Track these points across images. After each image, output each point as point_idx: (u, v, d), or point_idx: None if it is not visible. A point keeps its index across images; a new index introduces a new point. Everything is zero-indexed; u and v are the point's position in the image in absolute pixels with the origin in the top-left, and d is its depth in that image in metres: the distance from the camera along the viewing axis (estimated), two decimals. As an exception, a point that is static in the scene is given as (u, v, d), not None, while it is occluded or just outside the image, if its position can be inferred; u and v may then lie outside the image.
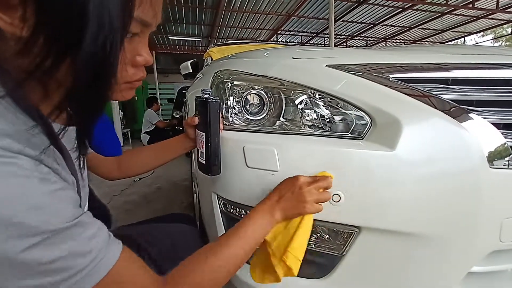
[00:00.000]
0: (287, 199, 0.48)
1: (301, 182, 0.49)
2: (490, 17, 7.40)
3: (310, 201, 0.48)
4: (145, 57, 0.36)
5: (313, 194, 0.48)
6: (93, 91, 0.30)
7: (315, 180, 0.49)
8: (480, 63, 0.59)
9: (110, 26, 0.27)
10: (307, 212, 0.48)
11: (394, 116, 0.51)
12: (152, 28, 0.35)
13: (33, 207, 0.26)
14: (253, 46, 2.08)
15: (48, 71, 0.28)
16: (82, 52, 0.26)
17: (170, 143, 0.69)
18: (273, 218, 0.48)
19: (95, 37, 0.26)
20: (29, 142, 0.27)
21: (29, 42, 0.26)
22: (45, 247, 0.26)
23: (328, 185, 0.49)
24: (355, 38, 9.20)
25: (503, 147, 0.50)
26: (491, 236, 0.51)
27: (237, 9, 6.28)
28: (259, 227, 0.47)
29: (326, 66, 0.58)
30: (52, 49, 0.27)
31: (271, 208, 0.49)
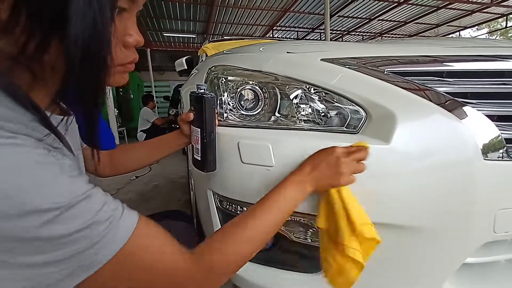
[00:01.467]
0: (321, 169, 0.46)
1: (338, 152, 0.47)
2: (485, 11, 7.42)
3: (347, 173, 0.46)
4: (136, 37, 0.34)
5: (350, 165, 0.46)
6: (89, 74, 0.28)
7: (352, 151, 0.47)
8: (475, 55, 0.59)
9: (98, 2, 0.26)
10: (342, 183, 0.46)
11: (389, 109, 0.51)
12: (138, 5, 0.34)
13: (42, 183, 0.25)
14: (248, 42, 2.06)
15: (35, 54, 0.26)
16: (70, 30, 0.25)
17: (164, 140, 0.68)
18: (305, 190, 0.46)
19: (82, 14, 0.25)
20: (28, 126, 0.27)
21: (10, 22, 0.24)
22: (63, 220, 0.26)
23: (364, 156, 0.47)
24: (351, 33, 9.18)
25: (497, 139, 0.50)
26: (485, 227, 0.51)
27: (232, 5, 6.22)
28: (290, 200, 0.45)
29: (320, 60, 0.58)
30: (35, 29, 0.25)
31: (302, 178, 0.47)
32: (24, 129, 0.26)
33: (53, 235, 0.25)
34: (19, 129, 0.25)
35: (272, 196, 0.45)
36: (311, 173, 0.47)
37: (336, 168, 0.46)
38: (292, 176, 0.48)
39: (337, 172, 0.46)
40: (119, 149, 0.67)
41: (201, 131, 0.56)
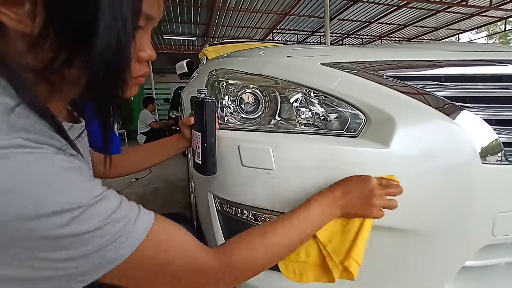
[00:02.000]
0: (354, 197, 0.45)
1: (374, 184, 0.46)
2: (484, 14, 7.47)
3: (377, 207, 0.46)
4: (149, 52, 0.36)
5: (383, 200, 0.46)
6: (109, 87, 0.30)
7: (387, 185, 0.47)
8: (473, 60, 0.60)
9: (122, 18, 0.27)
10: (371, 216, 0.46)
11: (388, 113, 0.51)
12: (154, 22, 0.35)
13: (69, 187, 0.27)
14: (248, 45, 2.08)
15: (61, 68, 0.28)
16: (97, 45, 0.26)
17: (165, 143, 0.69)
18: (333, 213, 0.46)
19: (108, 29, 0.26)
20: (49, 137, 0.28)
21: (40, 38, 0.26)
22: (84, 219, 0.27)
23: (397, 192, 0.47)
24: (350, 36, 9.22)
25: (495, 142, 0.51)
26: (484, 230, 0.52)
27: (233, 8, 6.26)
28: (317, 219, 0.45)
29: (320, 64, 0.59)
30: (64, 44, 0.27)
31: (333, 202, 0.46)
32: (46, 139, 0.28)
33: (75, 232, 0.26)
34: (43, 140, 0.27)
35: (300, 212, 0.44)
36: (342, 198, 0.46)
37: (369, 200, 0.45)
38: (321, 197, 0.46)
39: (369, 204, 0.45)
40: (121, 152, 0.68)
41: (201, 135, 0.57)
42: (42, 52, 0.27)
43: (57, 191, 0.26)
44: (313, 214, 0.44)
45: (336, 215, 0.46)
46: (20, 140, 0.25)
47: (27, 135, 0.26)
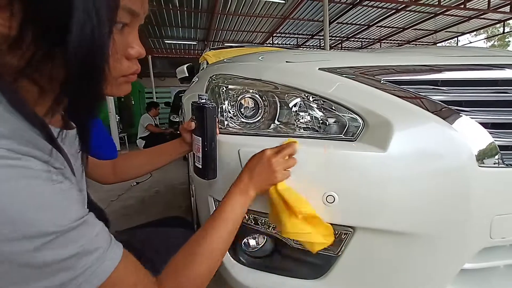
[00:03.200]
0: (257, 173, 0.50)
1: (268, 154, 0.51)
2: (482, 17, 7.52)
3: (279, 170, 0.50)
4: (138, 49, 0.36)
5: (281, 163, 0.50)
6: (86, 84, 0.29)
7: (280, 149, 0.51)
8: (469, 64, 0.61)
9: (97, 16, 0.27)
10: (278, 180, 0.51)
11: (385, 118, 0.52)
12: (140, 18, 0.35)
13: (44, 207, 0.26)
14: (248, 49, 2.09)
15: (39, 66, 0.27)
16: (71, 43, 0.26)
17: (166, 147, 0.69)
18: (248, 196, 0.50)
19: (81, 26, 0.26)
20: (33, 145, 0.27)
21: (18, 39, 0.26)
22: (56, 246, 0.26)
23: (293, 151, 0.52)
24: (350, 40, 9.28)
25: (491, 146, 0.51)
26: (482, 233, 0.52)
27: (233, 13, 6.31)
28: (237, 208, 0.48)
29: (318, 69, 0.60)
30: (41, 43, 0.27)
31: (244, 187, 0.50)
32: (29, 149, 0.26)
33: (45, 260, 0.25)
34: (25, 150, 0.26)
35: (220, 209, 0.48)
36: (251, 180, 0.50)
37: (269, 168, 0.50)
38: (234, 187, 0.51)
39: (271, 171, 0.50)
40: (122, 157, 0.68)
41: (202, 140, 0.57)
42: (21, 50, 0.26)
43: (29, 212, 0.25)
44: (231, 208, 0.48)
45: (252, 196, 0.50)
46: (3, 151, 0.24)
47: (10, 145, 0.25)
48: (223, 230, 0.45)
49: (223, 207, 0.48)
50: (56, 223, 0.26)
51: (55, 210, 0.27)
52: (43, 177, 0.26)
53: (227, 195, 0.50)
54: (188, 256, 0.41)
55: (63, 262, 0.27)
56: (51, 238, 0.26)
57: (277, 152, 0.51)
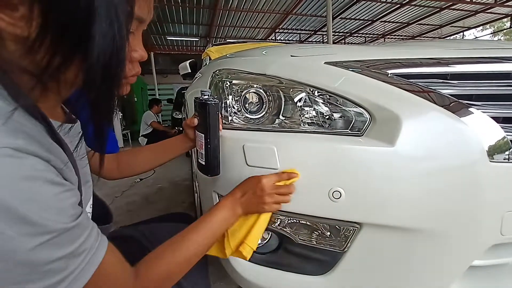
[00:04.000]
0: (248, 197, 0.51)
1: (264, 185, 0.51)
2: (489, 11, 7.38)
3: (269, 203, 0.51)
4: (140, 53, 0.37)
5: (274, 197, 0.51)
6: (106, 89, 0.30)
7: (277, 183, 0.52)
8: (479, 57, 0.59)
9: (117, 22, 0.27)
10: (265, 211, 0.52)
11: (393, 112, 0.51)
12: (145, 24, 0.36)
13: (44, 208, 0.26)
14: (251, 45, 2.08)
15: (57, 71, 0.28)
16: (93, 49, 0.27)
17: (169, 143, 0.69)
18: (235, 213, 0.51)
19: (104, 34, 0.27)
20: (37, 142, 0.27)
21: (36, 43, 0.26)
22: (52, 246, 0.27)
23: (289, 191, 0.52)
24: (353, 35, 9.18)
25: (503, 141, 0.50)
26: (492, 229, 0.51)
27: (235, 8, 6.27)
28: (221, 221, 0.50)
29: (324, 63, 0.58)
30: (60, 49, 0.27)
31: (234, 203, 0.52)
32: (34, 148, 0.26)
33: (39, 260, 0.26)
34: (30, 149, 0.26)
35: (206, 218, 0.49)
36: (241, 199, 0.52)
37: (261, 198, 0.51)
38: (224, 200, 0.52)
39: (262, 201, 0.51)
40: (126, 152, 0.68)
41: (205, 136, 0.57)
42: (39, 56, 0.27)
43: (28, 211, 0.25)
44: (218, 219, 0.49)
45: (238, 214, 0.52)
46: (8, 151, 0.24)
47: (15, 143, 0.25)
48: (201, 241, 0.46)
49: (209, 217, 0.49)
50: (54, 223, 0.27)
51: (54, 211, 0.27)
52: (44, 178, 0.27)
53: (216, 206, 0.51)
54: (164, 256, 0.42)
55: (56, 263, 0.27)
56: (48, 238, 0.26)
57: (274, 185, 0.51)
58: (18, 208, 0.24)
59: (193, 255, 0.45)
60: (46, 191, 0.27)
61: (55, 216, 0.27)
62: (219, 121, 0.58)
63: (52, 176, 0.28)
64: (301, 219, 0.56)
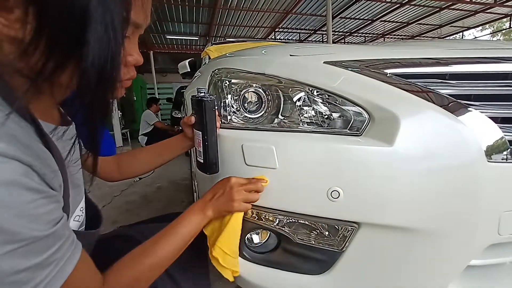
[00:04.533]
0: (218, 197, 0.53)
1: (232, 182, 0.53)
2: (488, 11, 7.39)
3: (238, 200, 0.52)
4: (136, 57, 0.37)
5: (242, 194, 0.52)
6: (101, 93, 0.31)
7: (246, 182, 0.53)
8: (478, 57, 0.59)
9: (113, 27, 0.28)
10: (235, 210, 0.53)
11: (392, 111, 0.51)
12: (142, 29, 0.36)
13: (17, 215, 0.25)
14: (250, 44, 2.08)
15: (51, 75, 0.28)
16: (88, 54, 0.27)
17: (169, 143, 0.69)
18: (205, 216, 0.52)
19: (99, 39, 0.27)
20: (21, 145, 0.27)
21: (31, 46, 0.26)
22: (20, 255, 0.26)
23: (258, 188, 0.53)
24: (353, 35, 9.17)
25: (501, 141, 0.50)
26: (489, 229, 0.51)
27: (234, 7, 6.25)
28: (191, 225, 0.50)
29: (323, 63, 0.58)
30: (55, 52, 0.27)
31: (204, 206, 0.52)
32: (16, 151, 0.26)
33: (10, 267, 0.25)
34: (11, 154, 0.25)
35: (176, 223, 0.49)
36: (211, 200, 0.53)
37: (229, 195, 0.52)
38: (195, 204, 0.53)
39: (230, 199, 0.52)
40: (126, 154, 0.69)
41: (202, 134, 0.57)
42: (34, 59, 0.27)
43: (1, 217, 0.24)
44: (187, 223, 0.50)
45: (209, 216, 0.53)
46: None
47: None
48: (172, 246, 0.46)
49: (180, 221, 0.50)
50: (26, 232, 0.26)
51: (28, 218, 0.26)
52: (22, 184, 0.26)
53: (188, 210, 0.52)
54: (133, 262, 0.42)
55: (21, 273, 0.26)
56: (18, 246, 0.25)
57: (242, 184, 0.53)
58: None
59: (164, 260, 0.45)
60: (22, 198, 0.26)
61: (29, 224, 0.26)
62: (216, 118, 0.58)
63: (31, 182, 0.27)
64: (300, 218, 0.56)
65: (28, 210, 0.26)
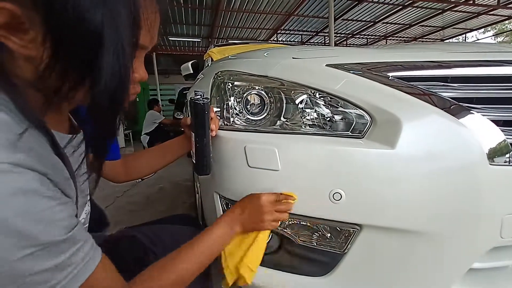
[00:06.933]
0: (247, 214, 0.52)
1: (263, 201, 0.52)
2: (491, 13, 7.36)
3: (268, 221, 0.52)
4: (141, 74, 0.39)
5: (273, 214, 0.52)
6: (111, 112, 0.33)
7: (277, 203, 0.52)
8: (480, 61, 0.59)
9: (123, 52, 0.29)
10: (264, 229, 0.53)
11: (394, 114, 0.51)
12: (148, 50, 0.38)
13: (35, 221, 0.27)
14: (253, 46, 2.08)
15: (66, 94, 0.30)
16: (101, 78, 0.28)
17: (171, 144, 0.70)
18: (233, 231, 0.52)
19: (111, 64, 0.28)
20: (37, 155, 0.28)
21: (48, 69, 0.28)
22: (38, 257, 0.27)
23: (288, 209, 0.53)
24: (355, 36, 9.18)
25: (503, 144, 0.50)
26: (492, 232, 0.51)
27: (237, 9, 6.28)
28: (219, 238, 0.50)
29: (326, 66, 0.59)
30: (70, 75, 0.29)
31: (232, 221, 0.52)
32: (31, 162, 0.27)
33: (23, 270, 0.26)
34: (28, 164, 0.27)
35: (203, 235, 0.49)
36: (240, 216, 0.52)
37: (260, 216, 0.51)
38: (223, 217, 0.53)
39: (261, 219, 0.52)
40: (132, 156, 0.70)
41: (194, 135, 0.57)
42: (50, 80, 0.28)
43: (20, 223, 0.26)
44: (215, 235, 0.49)
45: (237, 232, 0.52)
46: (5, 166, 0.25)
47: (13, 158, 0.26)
48: (198, 259, 0.46)
49: (206, 234, 0.49)
50: (43, 236, 0.27)
51: (45, 224, 0.28)
52: (39, 192, 0.28)
53: (215, 223, 0.51)
54: (159, 272, 0.42)
55: (39, 275, 0.28)
56: (35, 250, 0.27)
57: (272, 203, 0.52)
58: (10, 220, 0.25)
59: (190, 274, 0.45)
60: (40, 205, 0.27)
61: (47, 229, 0.28)
62: (209, 120, 0.57)
63: (47, 190, 0.29)
64: (302, 220, 0.56)
65: (45, 216, 0.28)
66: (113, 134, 0.36)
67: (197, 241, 0.47)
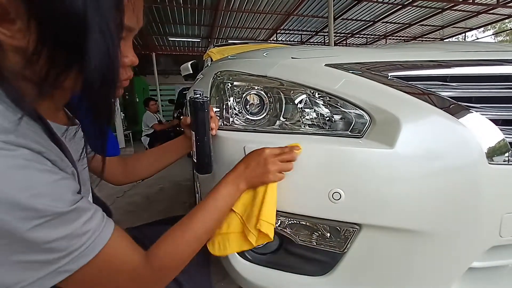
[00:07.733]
0: (252, 169, 0.51)
1: (266, 153, 0.52)
2: (491, 12, 7.36)
3: (273, 171, 0.51)
4: (131, 58, 0.39)
5: (277, 164, 0.51)
6: (104, 95, 0.33)
7: (280, 153, 0.52)
8: (479, 60, 0.59)
9: (109, 33, 0.30)
10: (270, 180, 0.52)
11: (393, 114, 0.51)
12: (135, 32, 0.38)
13: (37, 195, 0.28)
14: (252, 46, 2.08)
15: (56, 81, 0.30)
16: (89, 60, 0.29)
17: (172, 145, 0.70)
18: (238, 188, 0.51)
19: (98, 45, 0.29)
20: (30, 138, 0.29)
21: (34, 55, 0.28)
22: (48, 228, 0.28)
23: (292, 158, 0.52)
24: (355, 36, 9.17)
25: (502, 143, 0.50)
26: (491, 231, 0.51)
27: (236, 9, 6.28)
28: (226, 197, 0.50)
29: (325, 66, 0.59)
30: (57, 60, 0.29)
31: (237, 178, 0.52)
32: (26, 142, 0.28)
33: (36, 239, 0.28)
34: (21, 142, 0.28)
35: (210, 196, 0.49)
36: (244, 172, 0.52)
37: (264, 167, 0.51)
38: (228, 175, 0.52)
39: (265, 171, 0.51)
40: (132, 158, 0.70)
41: (195, 134, 0.57)
42: (38, 66, 0.29)
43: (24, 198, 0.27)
44: (222, 195, 0.50)
45: (243, 188, 0.52)
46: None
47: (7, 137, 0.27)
48: (209, 219, 0.47)
49: (213, 195, 0.49)
50: (49, 208, 0.28)
51: (48, 197, 0.28)
52: (35, 167, 0.28)
53: (220, 183, 0.51)
54: (174, 238, 0.43)
55: (54, 242, 0.29)
56: (44, 221, 0.28)
57: (276, 154, 0.52)
58: (12, 195, 0.26)
59: (203, 233, 0.46)
60: (38, 179, 0.28)
61: (50, 202, 0.28)
62: (209, 118, 0.57)
63: (44, 166, 0.29)
64: (301, 220, 0.56)
65: (48, 190, 0.29)
66: (110, 118, 0.36)
67: (207, 202, 0.48)
